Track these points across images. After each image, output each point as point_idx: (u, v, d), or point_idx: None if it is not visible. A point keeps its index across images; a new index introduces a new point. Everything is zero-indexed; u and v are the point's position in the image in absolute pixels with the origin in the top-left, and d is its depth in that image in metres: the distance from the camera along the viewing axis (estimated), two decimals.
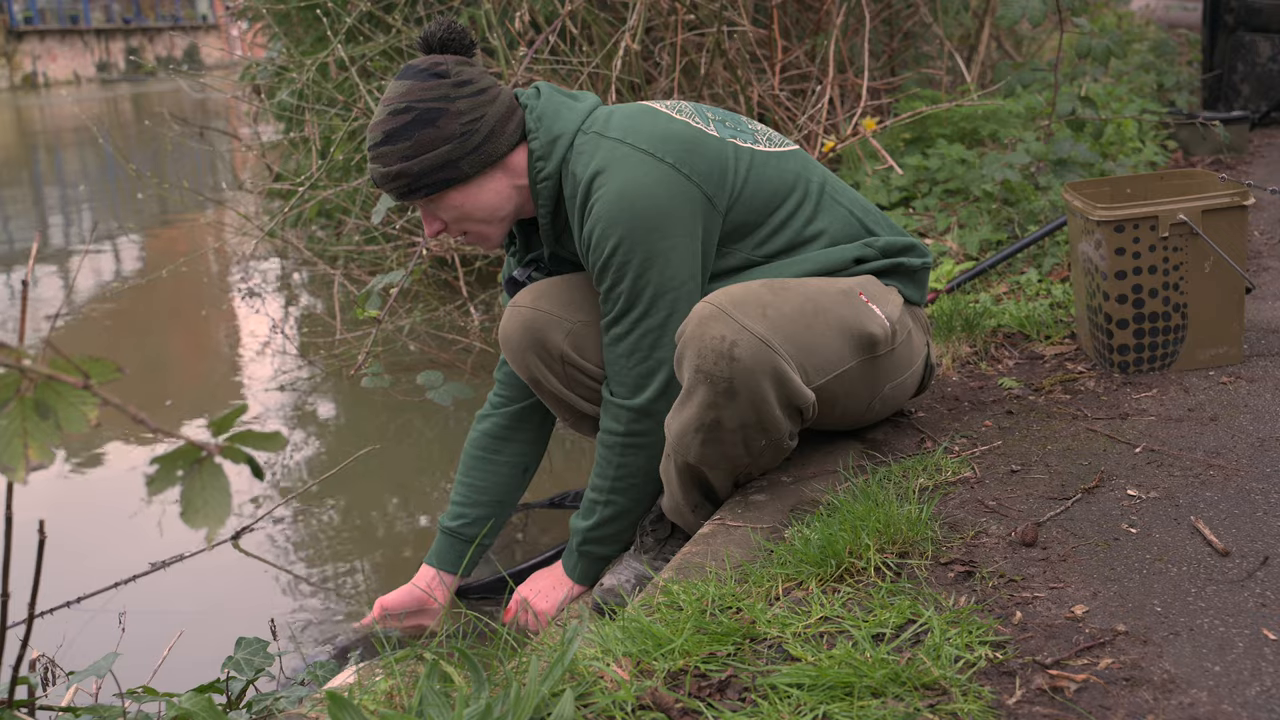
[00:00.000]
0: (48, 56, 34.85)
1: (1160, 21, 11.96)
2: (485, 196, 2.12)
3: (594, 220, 2.04)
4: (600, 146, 2.07)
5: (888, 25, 5.80)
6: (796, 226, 2.16)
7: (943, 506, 1.97)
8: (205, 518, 1.01)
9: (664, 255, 2.03)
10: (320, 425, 4.07)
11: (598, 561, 2.25)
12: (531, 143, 2.11)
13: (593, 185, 2.05)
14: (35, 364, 0.99)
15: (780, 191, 2.15)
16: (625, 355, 2.09)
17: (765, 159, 2.16)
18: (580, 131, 2.11)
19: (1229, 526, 1.81)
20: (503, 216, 2.17)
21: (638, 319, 2.06)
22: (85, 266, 7.06)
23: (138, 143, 13.14)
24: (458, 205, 2.12)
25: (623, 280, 2.05)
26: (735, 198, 2.10)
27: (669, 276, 2.04)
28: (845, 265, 2.17)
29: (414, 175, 2.07)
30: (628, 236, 2.02)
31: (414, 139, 2.05)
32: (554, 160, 2.10)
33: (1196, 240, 2.47)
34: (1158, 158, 4.70)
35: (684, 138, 2.09)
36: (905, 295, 2.24)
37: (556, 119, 2.12)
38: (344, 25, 4.26)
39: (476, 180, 2.11)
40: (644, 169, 2.03)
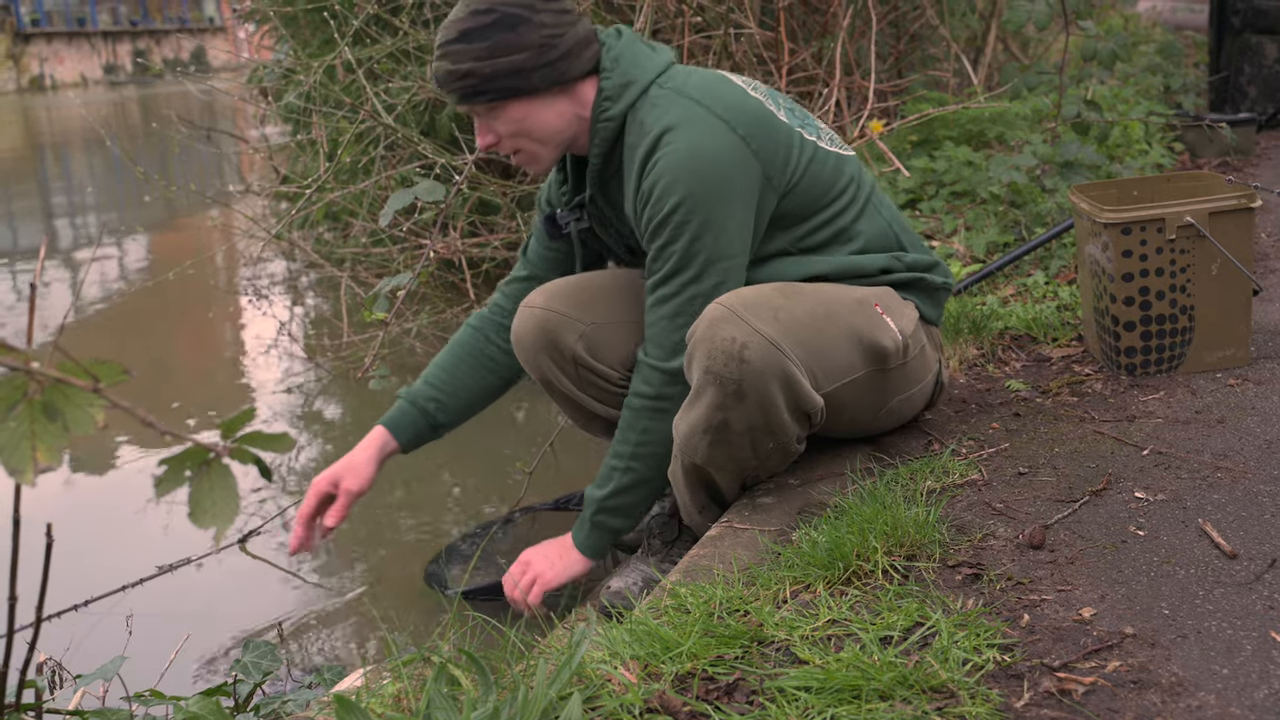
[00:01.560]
0: (55, 59, 34.95)
1: (1166, 23, 11.95)
2: (547, 116, 2.10)
3: (658, 175, 2.02)
4: (676, 103, 2.05)
5: (894, 27, 5.80)
6: (839, 226, 2.16)
7: (950, 509, 1.97)
8: (213, 518, 1.02)
9: (722, 223, 2.01)
10: (327, 427, 4.08)
11: (609, 534, 2.20)
12: (604, 80, 2.10)
13: (661, 139, 2.02)
14: (43, 367, 0.99)
15: (832, 190, 2.15)
16: (669, 317, 2.06)
17: (825, 155, 2.16)
18: (656, 84, 2.10)
19: (1237, 529, 1.81)
20: (559, 141, 2.14)
21: (687, 282, 2.04)
22: (93, 268, 7.08)
23: (145, 145, 13.17)
24: (518, 119, 2.09)
25: (678, 240, 2.02)
26: (791, 185, 2.10)
27: (724, 245, 2.03)
28: (872, 273, 2.18)
29: (483, 77, 2.04)
30: (690, 196, 2.00)
31: (491, 41, 2.03)
32: (622, 103, 2.09)
33: (1203, 242, 2.47)
34: (1164, 160, 4.69)
35: (757, 114, 2.08)
36: (922, 312, 2.24)
37: (634, 64, 2.11)
38: (351, 28, 4.26)
39: (542, 97, 2.08)
40: (716, 134, 2.02)
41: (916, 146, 4.74)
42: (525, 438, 3.75)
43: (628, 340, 2.28)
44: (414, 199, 3.02)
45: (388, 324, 3.35)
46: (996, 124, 4.88)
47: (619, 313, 2.28)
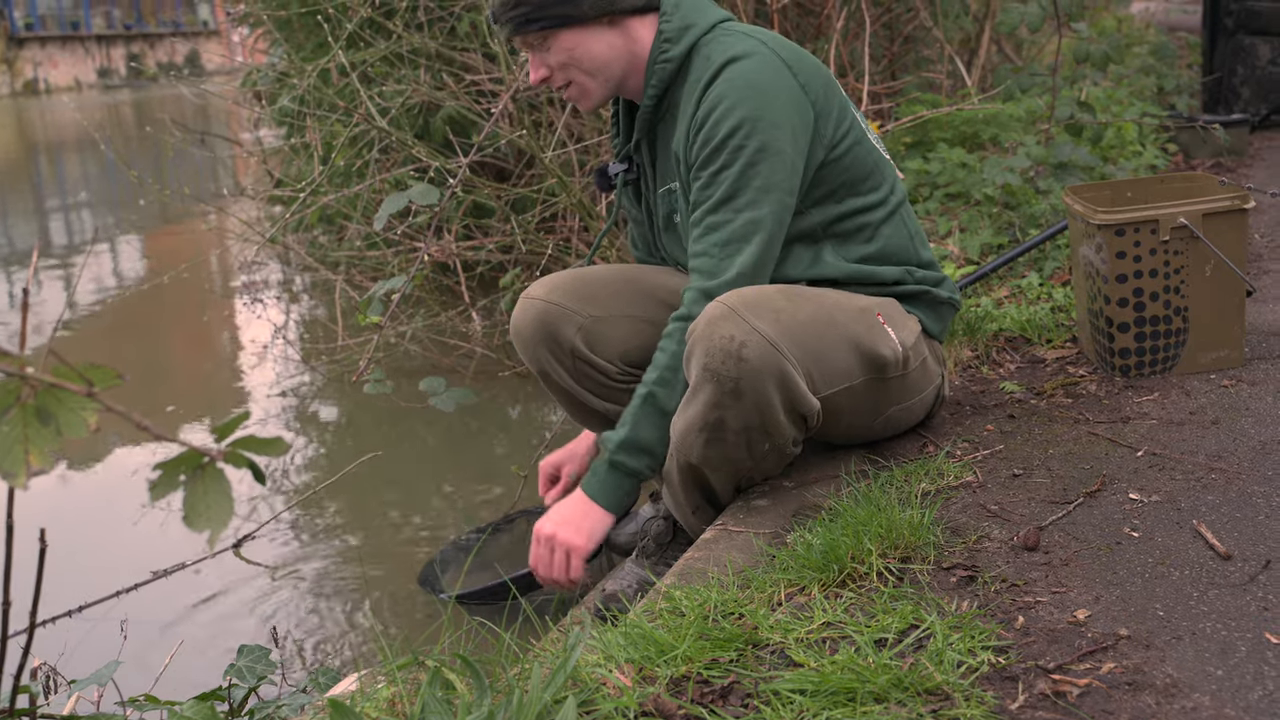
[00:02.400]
0: (49, 63, 34.91)
1: (1160, 24, 11.96)
2: (598, 46, 2.11)
3: (718, 98, 2.03)
4: (742, 40, 2.07)
5: (888, 29, 5.81)
6: (865, 221, 2.17)
7: (945, 511, 1.97)
8: (208, 521, 1.02)
9: (777, 154, 2.02)
10: (322, 431, 4.07)
11: (629, 479, 2.06)
12: (664, 23, 2.12)
13: (725, 68, 2.04)
14: (38, 371, 0.99)
15: (868, 181, 2.16)
16: (720, 245, 2.03)
17: (871, 147, 2.18)
18: (720, 26, 2.12)
19: (1231, 530, 1.81)
20: (609, 75, 2.15)
21: (742, 208, 2.02)
22: (87, 272, 7.07)
23: (139, 148, 13.16)
24: (569, 48, 2.11)
25: (734, 164, 2.02)
26: (837, 152, 2.11)
27: (779, 176, 2.02)
28: (884, 283, 2.18)
29: (535, 5, 2.06)
30: (750, 120, 2.00)
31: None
32: (681, 45, 2.11)
33: (1197, 244, 2.47)
34: (1158, 161, 4.70)
35: (818, 68, 2.12)
36: (925, 325, 2.24)
37: (695, 9, 2.14)
38: (345, 31, 4.26)
39: (593, 26, 2.10)
40: (778, 72, 2.04)
41: (911, 148, 4.74)
42: (520, 440, 3.75)
43: (627, 335, 2.28)
44: (408, 202, 3.02)
45: (382, 327, 3.35)
46: (990, 125, 4.89)
47: (620, 307, 2.28)
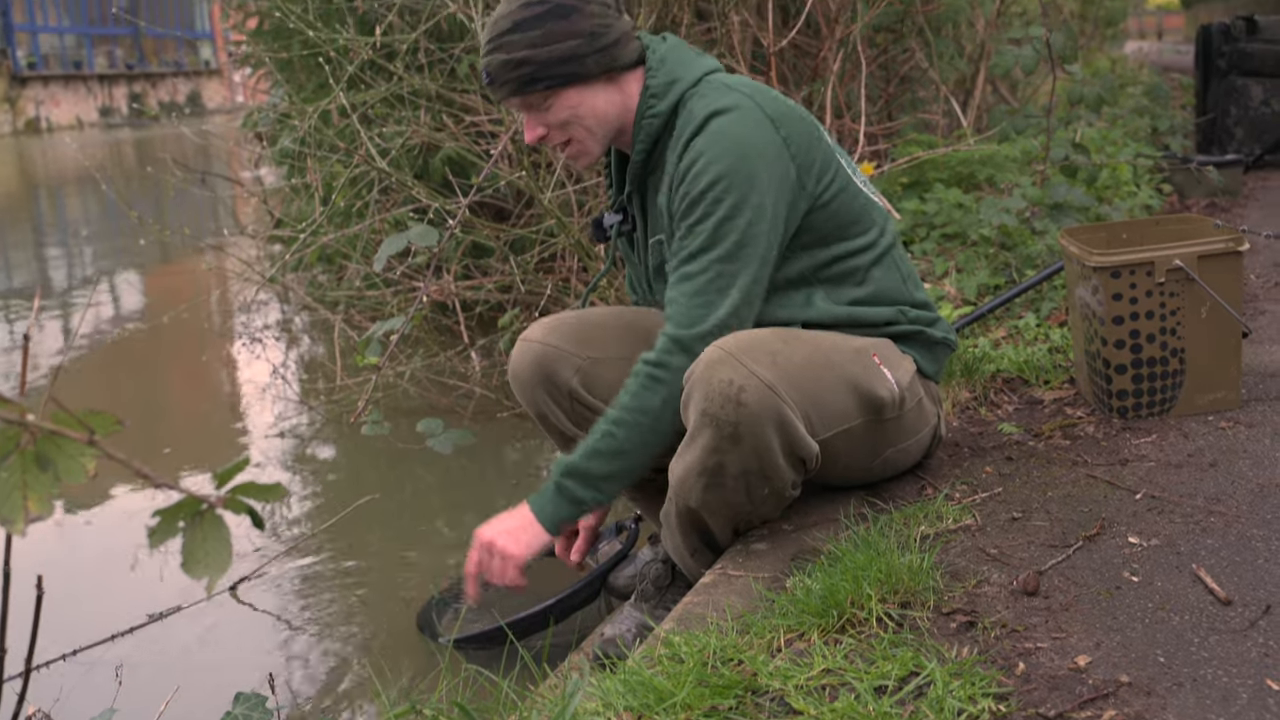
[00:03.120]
0: (51, 101, 35.10)
1: (1154, 64, 12.05)
2: (599, 103, 2.13)
3: (698, 151, 2.04)
4: (726, 94, 2.08)
5: (884, 70, 5.85)
6: (855, 265, 2.17)
7: (944, 555, 1.97)
8: (206, 568, 1.02)
9: (756, 208, 2.03)
10: (320, 472, 4.07)
11: (571, 505, 2.07)
12: (650, 79, 2.13)
13: (708, 122, 2.05)
14: (39, 419, 1.00)
15: (856, 226, 2.17)
16: (691, 295, 2.04)
17: (856, 191, 2.19)
18: (705, 79, 2.13)
19: (1230, 574, 1.81)
20: (608, 130, 2.16)
21: (715, 260, 2.03)
22: (85, 311, 7.08)
23: (140, 187, 13.21)
24: (573, 105, 2.11)
25: (711, 216, 2.03)
26: (822, 202, 2.12)
27: (756, 230, 2.03)
28: (876, 324, 2.19)
29: (539, 64, 2.07)
30: (728, 175, 2.02)
31: (545, 29, 2.06)
32: (668, 100, 2.12)
33: (1193, 286, 2.48)
34: (1153, 201, 4.72)
35: (801, 120, 2.13)
36: (920, 366, 2.24)
37: (680, 64, 2.15)
38: (346, 73, 4.30)
39: (595, 84, 2.11)
40: (760, 126, 2.05)
41: (907, 188, 4.76)
42: (519, 482, 3.75)
43: (625, 376, 2.28)
44: (407, 244, 3.03)
45: (380, 369, 3.35)
46: (986, 166, 4.92)
47: (617, 349, 2.29)
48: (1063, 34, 3.86)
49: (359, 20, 4.95)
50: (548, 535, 2.10)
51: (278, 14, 4.68)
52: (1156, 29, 28.57)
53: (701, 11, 4.72)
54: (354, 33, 4.52)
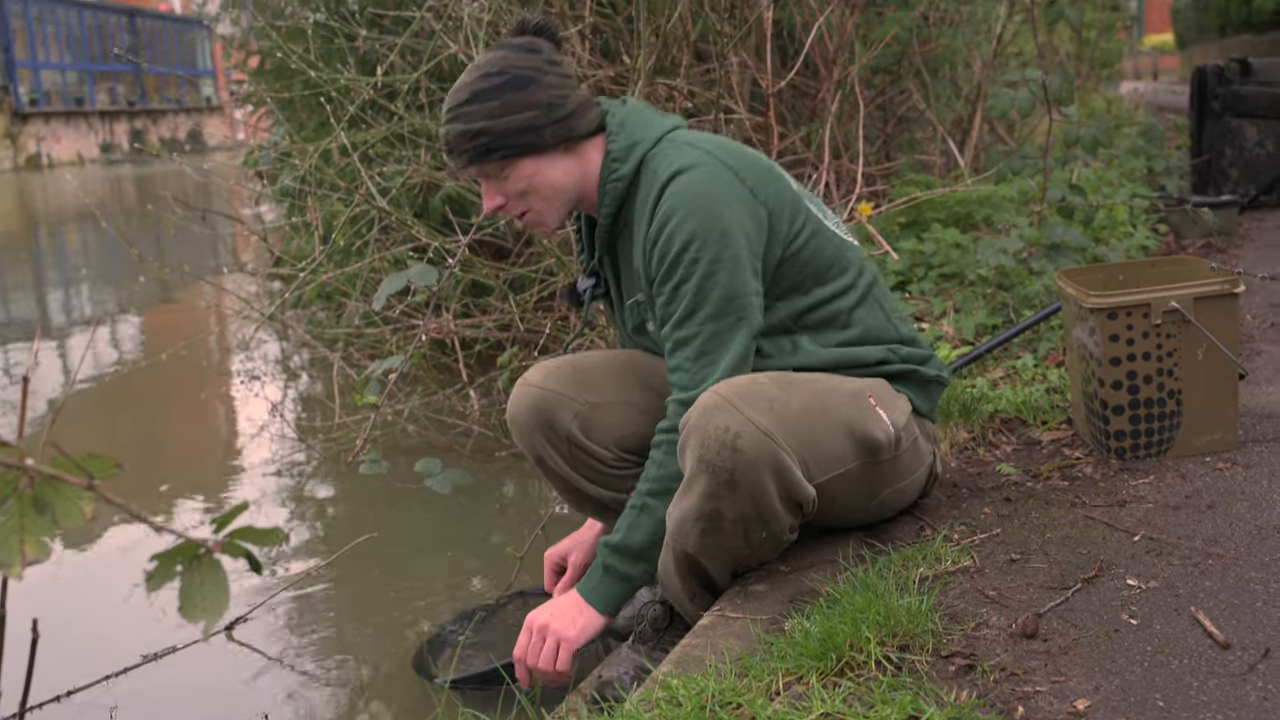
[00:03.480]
0: (52, 138, 35.28)
1: (1149, 105, 12.13)
2: (555, 173, 2.13)
3: (667, 213, 2.04)
4: (686, 151, 2.09)
5: (882, 111, 5.89)
6: (837, 309, 2.18)
7: (943, 597, 1.97)
8: (203, 611, 1.02)
9: (733, 261, 2.03)
10: (318, 511, 4.06)
11: (622, 583, 2.11)
12: (610, 144, 2.14)
13: (671, 181, 2.06)
14: (38, 464, 1.00)
15: (830, 271, 2.17)
16: (693, 359, 2.05)
17: (830, 235, 2.20)
18: (665, 139, 2.15)
19: (1229, 617, 1.81)
20: (565, 200, 2.17)
21: (706, 319, 2.03)
22: (85, 347, 7.08)
23: (140, 225, 13.25)
24: (529, 175, 2.12)
25: (691, 278, 2.03)
26: (795, 248, 2.13)
27: (739, 282, 2.03)
28: (867, 364, 2.19)
29: (497, 134, 2.08)
30: (700, 233, 2.02)
31: (503, 100, 2.07)
32: (630, 163, 2.13)
33: (1189, 327, 2.49)
34: (1149, 241, 4.74)
35: (766, 169, 2.14)
36: (915, 404, 2.24)
37: (639, 126, 2.16)
38: (347, 113, 4.32)
39: (552, 154, 2.12)
40: (725, 180, 2.06)
41: (905, 228, 4.79)
42: (517, 521, 3.74)
43: (623, 421, 2.29)
44: (407, 282, 3.04)
45: (379, 408, 3.35)
46: (984, 206, 4.95)
47: (616, 393, 2.29)
48: (1058, 76, 3.89)
49: (360, 60, 4.99)
50: (602, 619, 2.13)
51: (279, 54, 4.72)
52: (1152, 69, 28.78)
53: (700, 53, 4.76)
54: (355, 73, 4.56)
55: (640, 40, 3.90)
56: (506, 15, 4.16)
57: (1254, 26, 16.40)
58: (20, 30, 35.11)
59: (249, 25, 6.27)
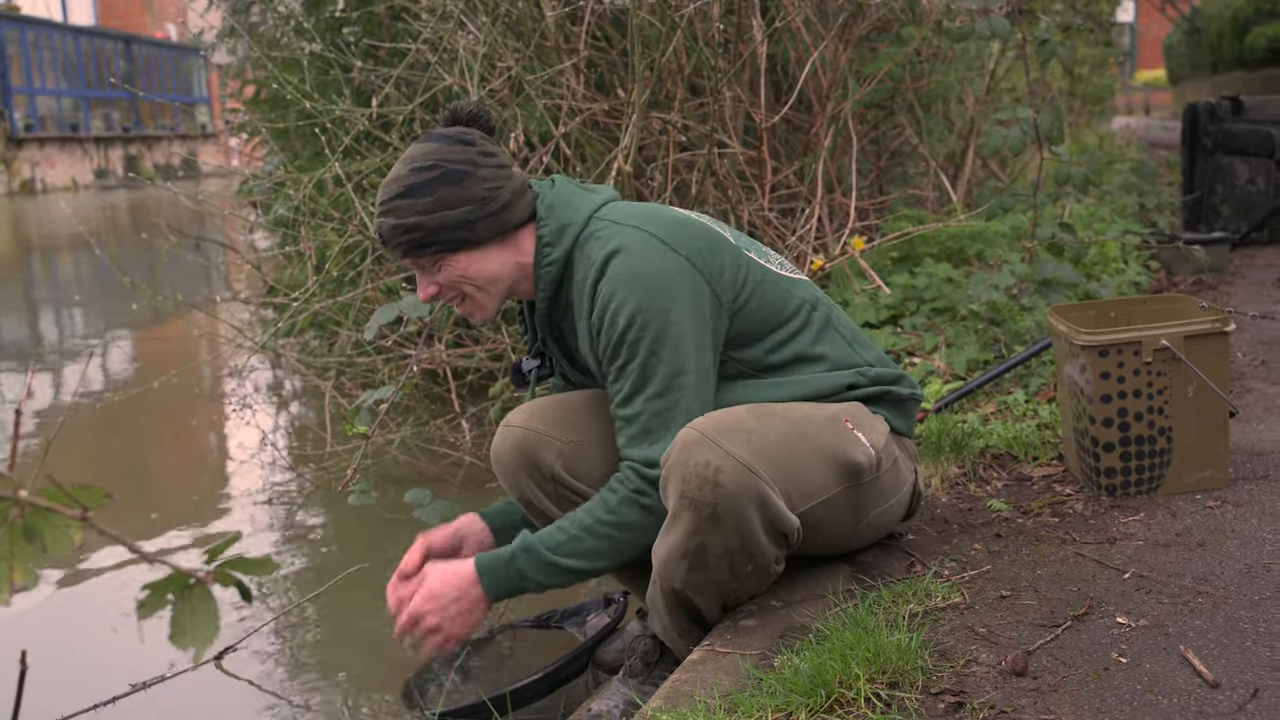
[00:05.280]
0: (46, 163, 35.31)
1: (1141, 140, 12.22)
2: (489, 265, 2.14)
3: (607, 297, 2.05)
4: (617, 231, 2.10)
5: (875, 145, 5.93)
6: (797, 349, 2.18)
7: (933, 633, 1.97)
8: (194, 640, 1.03)
9: (676, 338, 2.03)
10: (308, 540, 4.05)
11: (518, 587, 2.09)
12: (541, 229, 2.14)
13: (608, 265, 2.06)
14: (31, 495, 1.01)
15: (782, 313, 2.17)
16: (639, 435, 2.05)
17: (775, 279, 2.20)
18: (594, 218, 2.15)
19: (1219, 656, 1.81)
20: (500, 289, 2.18)
21: (650, 397, 2.04)
22: (77, 375, 7.07)
23: (134, 251, 13.25)
24: (462, 269, 2.13)
25: (635, 357, 2.03)
26: (741, 304, 2.13)
27: (682, 359, 2.03)
28: (837, 390, 2.19)
29: (429, 230, 2.08)
30: (641, 312, 2.02)
31: (436, 195, 2.08)
32: (562, 247, 2.14)
33: (1180, 365, 2.50)
34: (1141, 278, 4.77)
35: (700, 234, 2.13)
36: (892, 424, 2.25)
37: (568, 207, 2.16)
38: (342, 143, 4.34)
39: (486, 246, 2.13)
40: (659, 254, 2.06)
41: (897, 263, 4.81)
42: None
43: (607, 459, 2.28)
44: (399, 313, 3.05)
45: (369, 437, 3.35)
46: (976, 241, 4.97)
47: (599, 431, 2.29)
48: (1049, 115, 3.92)
49: (355, 91, 5.02)
50: (487, 604, 2.12)
51: (275, 84, 4.74)
52: (1144, 104, 29.00)
53: (694, 87, 4.79)
54: (350, 104, 4.58)
55: (635, 74, 3.93)
56: (501, 48, 4.19)
57: (1246, 64, 16.55)
58: (16, 56, 35.21)
59: (245, 54, 6.30)
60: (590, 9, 4.32)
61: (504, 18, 4.31)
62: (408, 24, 4.81)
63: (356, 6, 5.58)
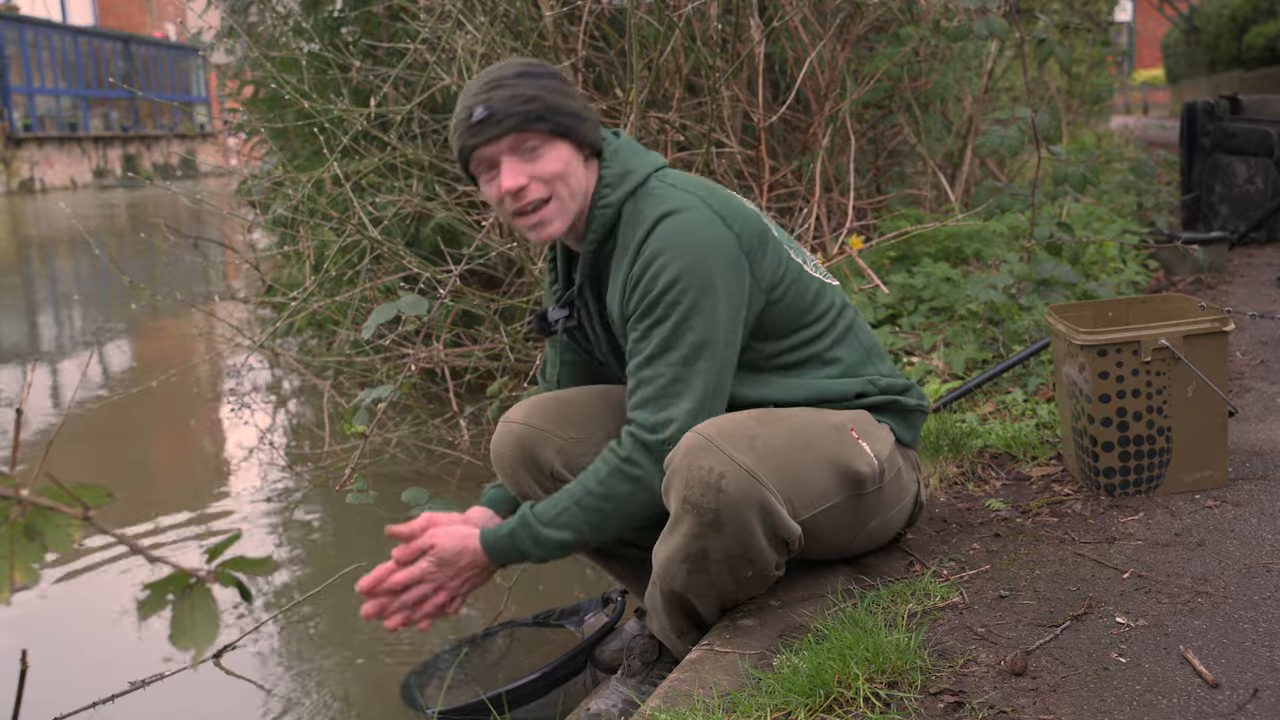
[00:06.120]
0: (45, 163, 35.27)
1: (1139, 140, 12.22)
2: (579, 175, 2.10)
3: (653, 253, 2.02)
4: (675, 195, 2.07)
5: (873, 145, 5.93)
6: (815, 350, 2.18)
7: (932, 633, 1.97)
8: (194, 640, 1.02)
9: (711, 310, 2.01)
10: (306, 538, 4.04)
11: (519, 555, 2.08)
12: (604, 169, 2.12)
13: (660, 222, 2.04)
14: (33, 494, 1.01)
15: (811, 312, 2.17)
16: (653, 399, 2.02)
17: (809, 279, 2.19)
18: (655, 176, 2.13)
19: (1218, 656, 1.81)
20: (577, 206, 2.11)
21: (673, 363, 2.01)
22: (76, 374, 7.07)
23: (132, 250, 13.24)
24: (565, 161, 2.07)
25: (667, 319, 2.01)
26: (777, 296, 2.12)
27: (713, 331, 2.01)
28: (846, 397, 2.19)
29: (550, 105, 2.05)
30: (684, 276, 2.00)
31: (555, 81, 2.08)
32: (620, 191, 2.11)
33: (1178, 365, 2.50)
34: (1140, 277, 4.77)
35: (750, 218, 2.12)
36: (897, 434, 2.25)
37: (633, 157, 2.15)
38: (340, 143, 4.34)
39: (580, 154, 2.10)
40: (712, 225, 2.04)
41: (895, 262, 4.81)
42: None
43: None
44: (397, 312, 3.05)
45: (367, 436, 3.35)
46: (974, 241, 4.97)
47: (599, 427, 2.29)
48: (1047, 114, 3.92)
49: (354, 91, 5.01)
50: (486, 562, 2.10)
51: (274, 84, 4.74)
52: (1142, 104, 29.01)
53: (693, 86, 4.79)
54: (349, 103, 4.58)
55: (633, 74, 3.93)
56: (499, 47, 4.19)
57: (1244, 63, 16.56)
58: (15, 56, 35.18)
59: (244, 54, 6.30)
60: (588, 8, 4.32)
61: (502, 17, 4.31)
62: (406, 23, 4.81)
63: (355, 6, 5.58)
